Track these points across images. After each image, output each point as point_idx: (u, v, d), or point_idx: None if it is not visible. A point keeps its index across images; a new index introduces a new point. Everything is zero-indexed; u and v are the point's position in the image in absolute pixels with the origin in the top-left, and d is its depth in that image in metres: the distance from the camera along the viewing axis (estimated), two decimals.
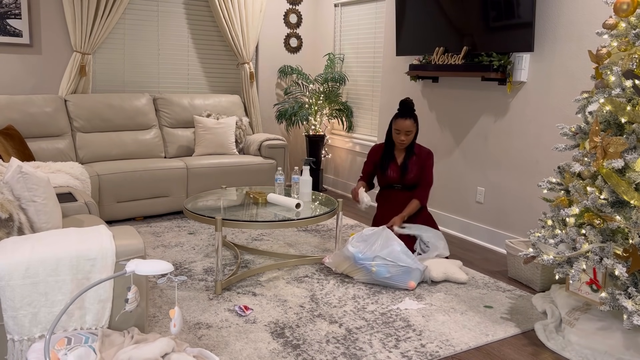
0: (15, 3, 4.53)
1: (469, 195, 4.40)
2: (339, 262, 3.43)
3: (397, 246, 3.32)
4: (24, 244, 2.00)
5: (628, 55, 2.53)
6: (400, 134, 3.69)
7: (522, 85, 3.89)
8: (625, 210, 2.47)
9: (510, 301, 3.18)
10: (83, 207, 3.06)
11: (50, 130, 4.54)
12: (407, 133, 3.68)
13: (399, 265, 3.27)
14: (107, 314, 2.07)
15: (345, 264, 3.39)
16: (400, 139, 3.70)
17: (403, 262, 3.28)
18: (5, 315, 1.94)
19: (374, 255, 3.29)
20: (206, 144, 5.08)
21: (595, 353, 2.52)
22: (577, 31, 3.51)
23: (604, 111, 2.59)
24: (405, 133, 3.68)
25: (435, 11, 4.38)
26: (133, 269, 1.83)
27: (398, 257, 3.28)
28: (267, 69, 5.97)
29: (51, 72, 4.80)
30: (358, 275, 3.37)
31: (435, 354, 2.54)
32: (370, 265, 3.29)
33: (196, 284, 3.26)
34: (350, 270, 3.39)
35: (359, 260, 3.31)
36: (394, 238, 3.38)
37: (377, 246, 3.33)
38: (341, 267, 3.43)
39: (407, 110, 3.70)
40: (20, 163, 2.33)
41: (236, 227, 3.08)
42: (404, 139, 3.69)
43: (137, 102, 4.97)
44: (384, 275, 3.27)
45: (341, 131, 5.95)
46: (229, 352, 2.49)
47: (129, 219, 4.55)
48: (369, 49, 5.52)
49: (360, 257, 3.31)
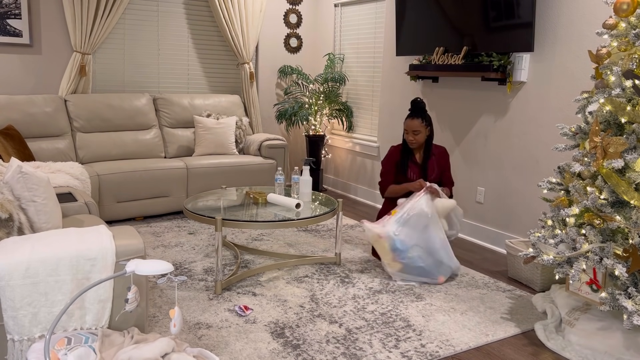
0: (15, 3, 4.53)
1: (469, 195, 4.40)
2: (375, 234, 3.36)
3: (436, 238, 3.33)
4: (24, 244, 2.00)
5: (628, 55, 2.53)
6: (409, 134, 3.70)
7: (522, 85, 3.89)
8: (625, 210, 2.47)
9: (510, 301, 3.18)
10: (83, 207, 3.06)
11: (50, 130, 4.54)
12: (415, 133, 3.67)
13: (434, 258, 3.31)
14: (107, 314, 2.07)
15: (381, 242, 3.35)
16: (409, 139, 3.71)
17: (439, 255, 3.32)
18: (5, 315, 1.94)
19: (412, 244, 3.31)
20: (206, 144, 5.08)
21: (595, 353, 2.52)
22: (577, 31, 3.51)
23: (604, 111, 2.59)
24: (412, 133, 3.68)
25: (435, 11, 4.38)
26: (133, 269, 1.83)
27: (435, 249, 3.32)
28: (267, 69, 5.97)
29: (51, 72, 4.80)
30: (388, 259, 3.36)
31: (435, 354, 2.54)
32: (405, 255, 3.31)
33: (196, 284, 3.26)
34: (381, 248, 3.37)
35: (396, 250, 3.32)
36: (437, 227, 3.36)
37: (417, 234, 3.32)
38: (374, 240, 3.38)
39: (416, 110, 3.71)
40: (20, 163, 2.33)
41: (236, 227, 3.08)
42: (413, 139, 3.69)
43: (137, 102, 4.97)
44: (418, 264, 3.31)
45: (341, 131, 5.95)
46: (229, 352, 2.49)
47: (129, 219, 4.55)
48: (369, 49, 5.52)
49: (398, 247, 3.32)
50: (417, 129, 3.66)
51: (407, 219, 3.35)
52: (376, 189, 5.45)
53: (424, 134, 3.69)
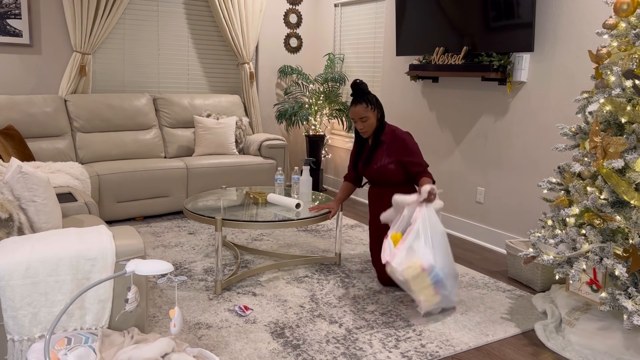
0: (15, 3, 4.53)
1: (469, 195, 4.40)
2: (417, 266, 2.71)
3: (451, 256, 2.90)
4: (24, 244, 2.00)
5: (628, 55, 2.53)
6: (357, 122, 3.23)
7: (522, 85, 3.89)
8: (625, 210, 2.47)
9: (510, 301, 3.18)
10: (83, 207, 3.06)
11: (50, 130, 4.54)
12: (363, 120, 3.20)
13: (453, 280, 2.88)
14: (107, 314, 2.07)
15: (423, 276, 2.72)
16: (359, 128, 3.24)
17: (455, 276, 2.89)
18: (5, 315, 1.94)
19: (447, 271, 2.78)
20: (206, 144, 5.08)
21: (595, 353, 2.52)
22: (577, 31, 3.51)
23: (604, 111, 2.59)
24: (360, 120, 3.21)
25: (435, 11, 4.38)
26: (133, 269, 1.83)
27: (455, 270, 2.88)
28: (267, 69, 5.97)
29: (51, 72, 4.80)
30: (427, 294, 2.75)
31: (435, 354, 2.54)
32: (445, 284, 2.75)
33: (196, 284, 3.26)
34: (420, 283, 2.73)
35: (438, 281, 2.75)
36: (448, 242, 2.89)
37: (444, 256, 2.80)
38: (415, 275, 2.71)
39: (358, 93, 3.22)
40: (20, 163, 2.33)
41: (236, 227, 3.08)
42: (362, 127, 3.22)
43: (137, 102, 4.97)
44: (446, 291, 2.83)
45: (341, 131, 5.95)
46: (229, 352, 2.49)
47: (129, 219, 4.55)
48: (369, 49, 5.52)
49: (441, 277, 2.76)
50: (363, 115, 3.19)
51: (432, 241, 2.78)
52: None
53: (373, 119, 3.22)
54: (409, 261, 2.70)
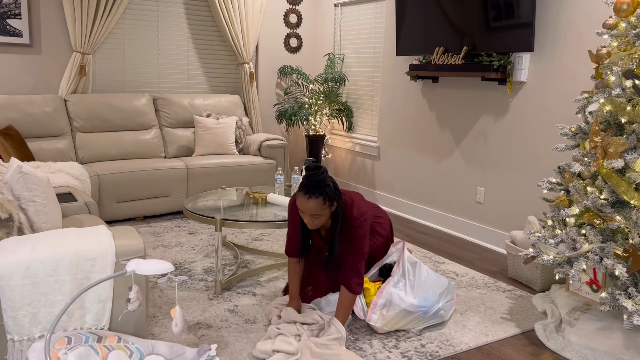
0: (15, 3, 4.53)
1: (469, 195, 4.40)
2: (393, 321, 2.69)
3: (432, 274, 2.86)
4: (24, 244, 2.00)
5: (628, 55, 2.53)
6: (305, 215, 2.50)
7: (522, 85, 3.89)
8: (625, 210, 2.47)
9: (510, 301, 3.18)
10: (83, 207, 3.06)
11: (50, 130, 4.53)
12: (315, 216, 2.48)
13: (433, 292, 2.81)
14: (108, 314, 2.07)
15: (405, 320, 2.70)
16: (306, 221, 2.51)
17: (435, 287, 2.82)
18: (5, 315, 1.94)
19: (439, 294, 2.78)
20: (206, 144, 5.08)
21: (595, 353, 2.52)
22: (577, 31, 3.51)
23: (604, 111, 2.59)
24: (310, 216, 2.48)
25: (435, 11, 4.38)
26: (133, 269, 1.83)
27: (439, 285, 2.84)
28: (267, 69, 5.97)
29: (51, 72, 4.80)
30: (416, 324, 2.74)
31: (435, 354, 2.54)
32: (438, 310, 2.77)
33: (196, 284, 3.26)
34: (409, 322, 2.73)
35: (427, 312, 2.73)
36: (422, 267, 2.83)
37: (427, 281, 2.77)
38: (397, 324, 2.70)
39: (312, 185, 2.44)
40: (20, 163, 2.33)
41: (236, 227, 3.08)
42: (310, 222, 2.50)
43: (137, 102, 4.97)
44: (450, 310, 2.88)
45: (341, 131, 5.95)
46: (229, 352, 2.49)
47: (129, 219, 4.55)
48: (369, 49, 5.52)
49: (428, 305, 2.72)
50: (316, 213, 2.46)
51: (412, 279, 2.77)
52: (376, 189, 5.45)
53: (328, 215, 2.52)
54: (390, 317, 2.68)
